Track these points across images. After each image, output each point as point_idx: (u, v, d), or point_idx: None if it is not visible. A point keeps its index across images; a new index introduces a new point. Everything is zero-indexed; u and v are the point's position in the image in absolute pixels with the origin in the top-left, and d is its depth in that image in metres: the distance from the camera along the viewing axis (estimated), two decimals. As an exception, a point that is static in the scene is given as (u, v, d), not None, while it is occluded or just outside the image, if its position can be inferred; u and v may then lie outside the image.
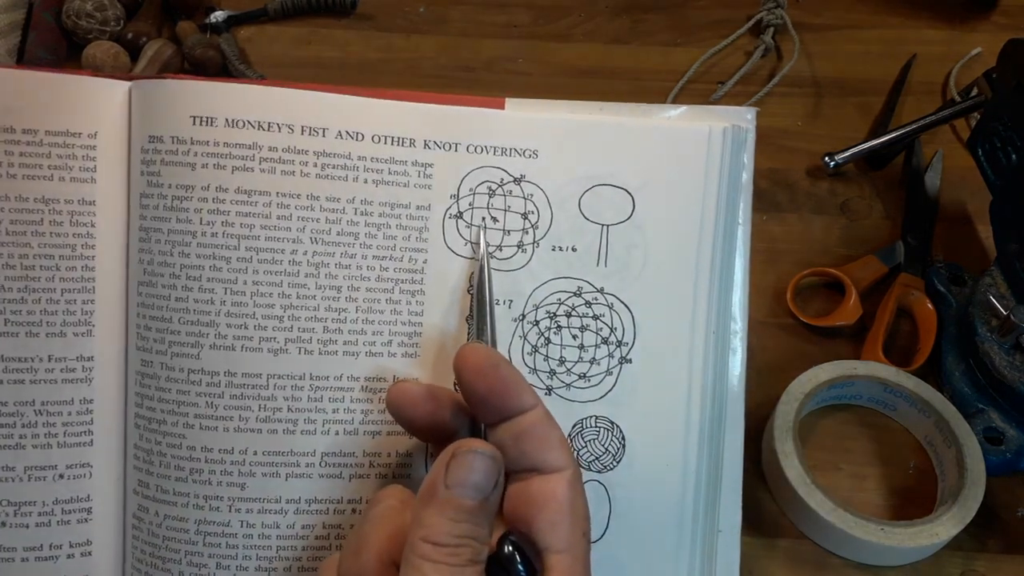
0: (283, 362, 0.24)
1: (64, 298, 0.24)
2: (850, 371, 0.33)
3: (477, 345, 0.21)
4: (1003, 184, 0.35)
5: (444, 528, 0.19)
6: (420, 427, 0.22)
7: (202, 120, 0.24)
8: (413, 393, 0.22)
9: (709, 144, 0.25)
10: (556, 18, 0.49)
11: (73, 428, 0.24)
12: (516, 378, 0.21)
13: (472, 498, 0.19)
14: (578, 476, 0.21)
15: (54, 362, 0.24)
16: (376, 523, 0.20)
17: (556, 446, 0.21)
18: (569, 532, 0.20)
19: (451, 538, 0.19)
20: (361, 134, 0.24)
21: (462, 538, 0.19)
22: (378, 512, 0.21)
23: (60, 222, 0.24)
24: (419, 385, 0.22)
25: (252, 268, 0.24)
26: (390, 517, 0.20)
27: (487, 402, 0.21)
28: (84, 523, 0.24)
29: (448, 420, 0.22)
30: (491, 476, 0.19)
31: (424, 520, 0.19)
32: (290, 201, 0.24)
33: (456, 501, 0.19)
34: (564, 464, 0.21)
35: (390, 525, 0.20)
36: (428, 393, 0.22)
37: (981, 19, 0.49)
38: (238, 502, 0.24)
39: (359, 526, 0.21)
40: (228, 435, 0.24)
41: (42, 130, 0.24)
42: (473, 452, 0.19)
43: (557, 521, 0.20)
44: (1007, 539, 0.31)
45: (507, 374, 0.21)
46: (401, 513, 0.20)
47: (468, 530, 0.19)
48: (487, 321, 0.24)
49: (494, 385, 0.20)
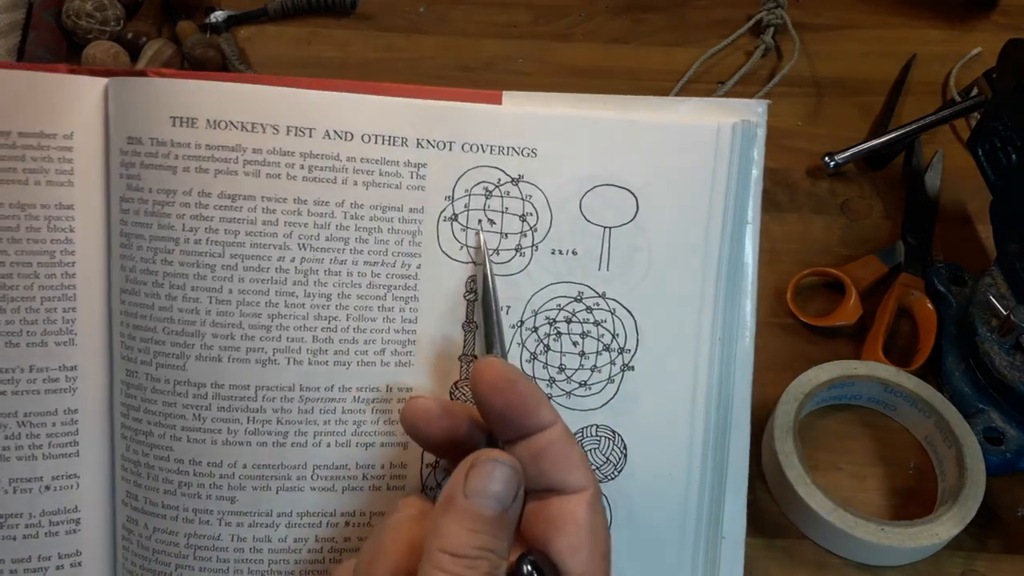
0: (272, 373, 0.22)
1: (44, 307, 0.22)
2: (850, 371, 0.32)
3: (493, 360, 0.19)
4: (1003, 184, 0.34)
5: (462, 539, 0.17)
6: (436, 444, 0.21)
7: (182, 121, 0.21)
8: (429, 410, 0.20)
9: (717, 141, 0.23)
10: (556, 18, 0.47)
11: (58, 439, 0.23)
12: (535, 394, 0.19)
13: (492, 508, 0.18)
14: (598, 496, 0.19)
15: (36, 372, 0.22)
16: (393, 532, 0.19)
17: (576, 465, 0.19)
18: (589, 556, 0.18)
19: (469, 549, 0.17)
20: (350, 133, 0.22)
21: (480, 550, 0.17)
22: (395, 521, 0.19)
23: (37, 228, 0.22)
24: (434, 401, 0.20)
25: (238, 276, 0.22)
26: (408, 527, 0.19)
27: (504, 418, 0.19)
28: (73, 534, 0.23)
29: (465, 436, 0.20)
30: (511, 486, 0.18)
31: (442, 529, 0.18)
32: (276, 205, 0.22)
33: (475, 511, 0.18)
34: (584, 484, 0.19)
35: (407, 535, 0.19)
36: (444, 410, 0.20)
37: (981, 19, 0.48)
38: (228, 516, 0.22)
39: (376, 534, 0.19)
40: (216, 448, 0.22)
41: (15, 131, 0.22)
42: (493, 461, 0.18)
43: (577, 545, 0.18)
44: (1007, 539, 0.30)
45: (525, 390, 0.19)
46: (419, 523, 0.19)
47: (487, 542, 0.18)
48: (495, 331, 0.22)
49: (512, 401, 0.19)
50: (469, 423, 0.20)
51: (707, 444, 0.23)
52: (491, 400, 0.19)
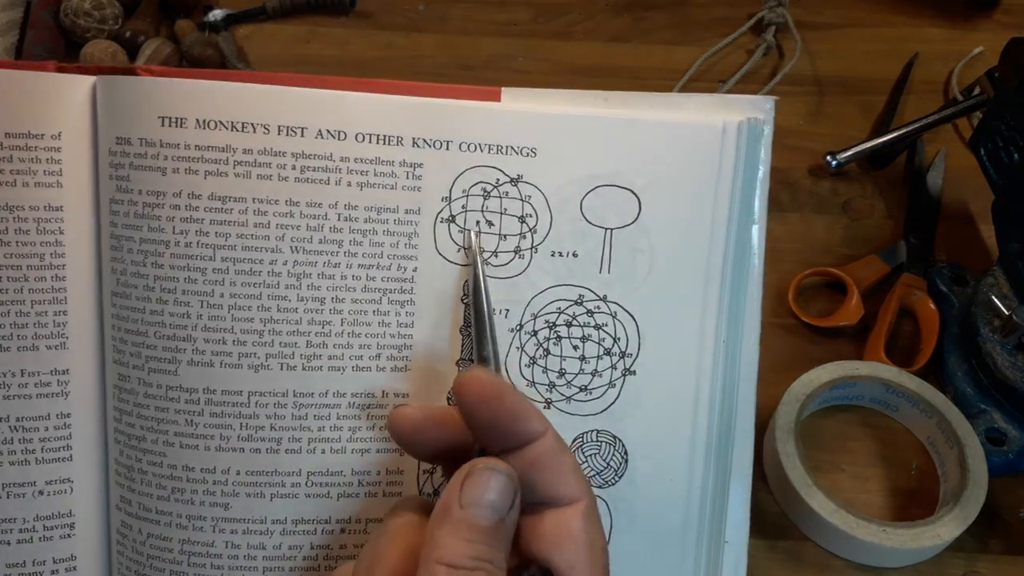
0: (265, 378, 0.21)
1: (35, 310, 0.21)
2: (852, 371, 0.32)
3: (477, 372, 0.18)
4: (1005, 183, 0.33)
5: (459, 549, 0.17)
6: (426, 453, 0.20)
7: (171, 121, 0.20)
8: (414, 419, 0.19)
9: (723, 141, 0.22)
10: (556, 16, 0.46)
11: (51, 444, 0.22)
12: (522, 405, 0.18)
13: (488, 518, 0.17)
14: (593, 506, 0.19)
15: (27, 376, 0.22)
16: (392, 538, 0.18)
17: (568, 475, 0.18)
18: (588, 571, 0.18)
19: (466, 559, 0.17)
20: (344, 133, 0.21)
21: (477, 560, 0.17)
22: (394, 527, 0.19)
23: (26, 230, 0.21)
24: (419, 410, 0.19)
25: (229, 280, 0.21)
26: (406, 533, 0.18)
27: (491, 431, 0.18)
28: (67, 539, 0.22)
29: (454, 443, 0.19)
30: (507, 495, 0.18)
31: (438, 540, 0.17)
32: (268, 207, 0.21)
33: (471, 521, 0.17)
34: (578, 494, 0.18)
35: (405, 541, 0.18)
36: (428, 418, 0.19)
37: (983, 18, 0.47)
38: (222, 522, 0.21)
39: (375, 539, 0.19)
40: (209, 454, 0.21)
41: (1, 132, 0.21)
42: (489, 470, 0.18)
43: (575, 561, 0.18)
44: (1009, 540, 0.30)
45: (512, 403, 0.18)
46: (418, 528, 0.18)
47: (483, 552, 0.17)
48: (487, 335, 0.21)
49: (498, 413, 0.18)
50: (459, 430, 0.19)
51: (709, 448, 0.23)
52: (477, 413, 0.18)
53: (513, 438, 0.18)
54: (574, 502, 0.18)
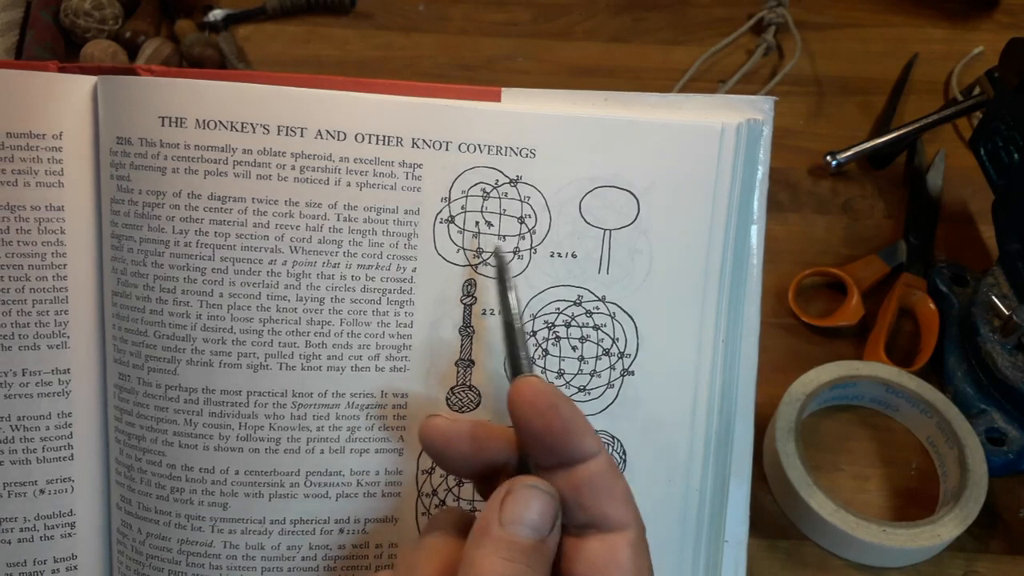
0: (263, 378, 0.21)
1: (36, 309, 0.21)
2: (852, 371, 0.32)
3: (532, 378, 0.18)
4: (1005, 184, 0.33)
5: (497, 569, 0.16)
6: (457, 466, 0.19)
7: (171, 121, 0.20)
8: (444, 430, 0.18)
9: (722, 142, 0.22)
10: (556, 16, 0.46)
11: (52, 443, 0.22)
12: (578, 420, 0.18)
13: (528, 537, 0.16)
14: (642, 535, 0.18)
15: (29, 376, 0.22)
16: (429, 554, 0.18)
17: (620, 501, 0.17)
18: None
19: None
20: (343, 133, 0.21)
21: None
22: (431, 542, 0.18)
23: (28, 230, 0.21)
24: (449, 421, 0.19)
25: (228, 280, 0.21)
26: (443, 548, 0.18)
27: (543, 442, 0.17)
28: (68, 538, 0.22)
29: (488, 460, 0.19)
30: (549, 514, 0.17)
31: (475, 560, 0.16)
32: (267, 207, 0.21)
33: (511, 539, 0.16)
34: (627, 522, 0.17)
35: (443, 558, 0.17)
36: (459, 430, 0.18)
37: (983, 18, 0.47)
38: (220, 522, 0.21)
39: (412, 553, 0.18)
40: (208, 454, 0.21)
41: (3, 131, 0.21)
42: (530, 488, 0.17)
43: None
44: (1009, 540, 0.30)
45: (567, 413, 0.17)
46: (456, 544, 0.18)
47: (523, 572, 0.16)
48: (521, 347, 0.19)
49: (552, 424, 0.17)
50: (496, 446, 0.18)
51: (709, 448, 0.23)
52: (529, 422, 0.17)
53: (565, 453, 0.17)
54: (622, 529, 0.17)
